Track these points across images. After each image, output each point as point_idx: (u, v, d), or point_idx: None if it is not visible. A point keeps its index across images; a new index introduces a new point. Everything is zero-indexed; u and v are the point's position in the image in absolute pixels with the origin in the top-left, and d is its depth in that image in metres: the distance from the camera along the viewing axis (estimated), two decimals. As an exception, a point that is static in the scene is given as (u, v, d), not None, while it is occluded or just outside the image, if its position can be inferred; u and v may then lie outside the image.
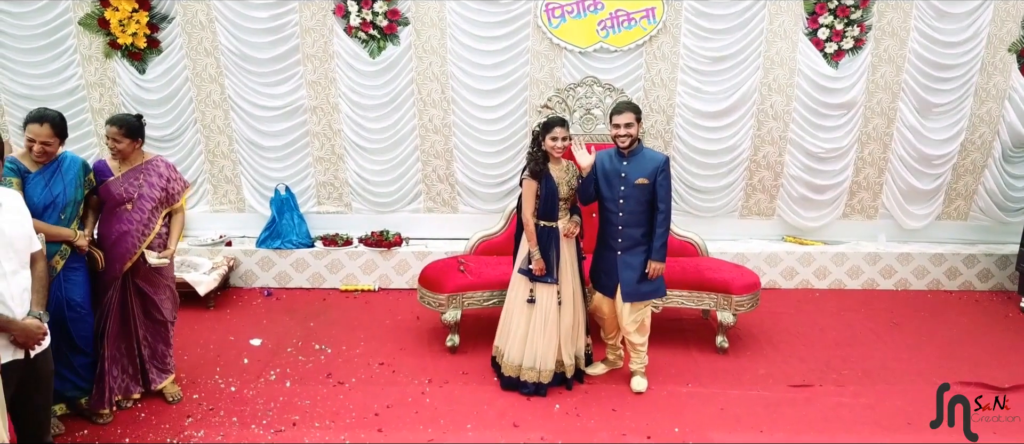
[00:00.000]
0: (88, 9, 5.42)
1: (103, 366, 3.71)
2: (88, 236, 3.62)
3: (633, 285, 4.12)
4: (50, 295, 3.19)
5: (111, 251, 3.68)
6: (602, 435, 3.78)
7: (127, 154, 3.69)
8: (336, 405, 4.04)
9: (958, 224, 6.03)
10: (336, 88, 5.62)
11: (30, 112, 3.50)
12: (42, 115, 3.46)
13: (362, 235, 5.77)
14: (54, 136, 3.48)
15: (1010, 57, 5.56)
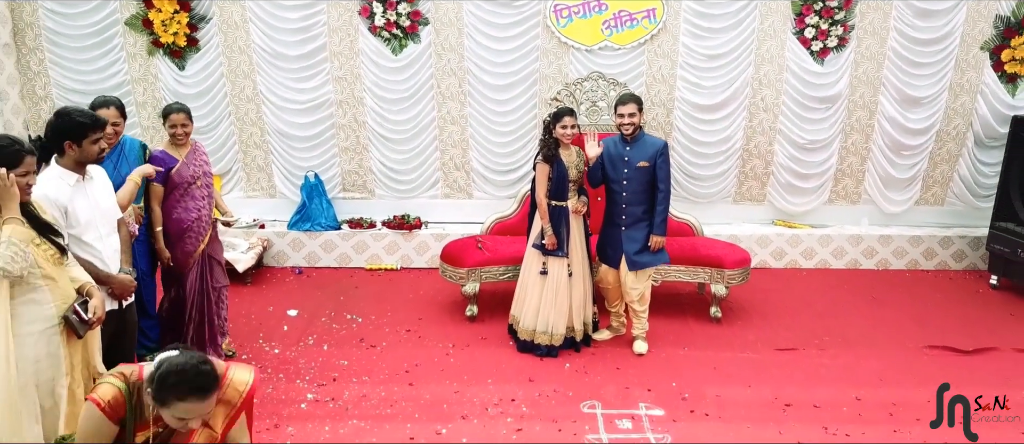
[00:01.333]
0: (133, 10, 5.90)
1: (190, 335, 4.19)
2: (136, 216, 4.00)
3: (636, 255, 4.60)
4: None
5: (190, 230, 4.10)
6: (608, 389, 4.27)
7: (188, 139, 4.17)
8: (370, 364, 4.52)
9: (935, 209, 6.51)
10: (361, 83, 6.10)
11: (95, 99, 3.97)
12: (107, 99, 3.94)
13: (385, 218, 6.26)
14: (121, 117, 3.97)
15: (983, 54, 6.05)
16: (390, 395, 4.17)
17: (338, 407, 4.03)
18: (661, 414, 4.02)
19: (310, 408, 4.02)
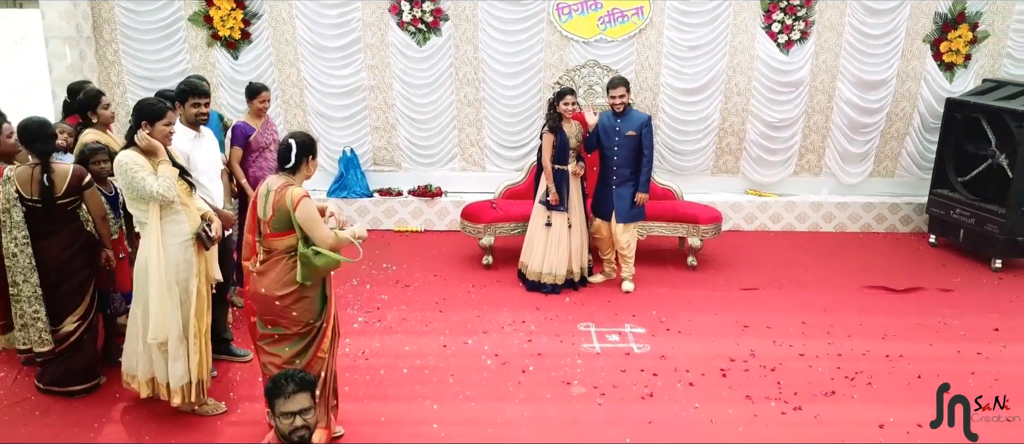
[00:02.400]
0: (196, 8, 6.88)
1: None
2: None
3: (625, 211, 5.59)
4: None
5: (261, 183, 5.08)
6: (600, 314, 5.26)
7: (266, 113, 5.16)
8: (406, 298, 5.51)
9: (886, 180, 7.49)
10: (390, 71, 7.08)
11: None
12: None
13: (411, 188, 7.24)
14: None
15: (924, 46, 7.03)
16: (424, 318, 5.17)
17: (384, 327, 5.03)
18: (643, 332, 5.02)
19: (361, 328, 5.01)
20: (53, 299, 4.04)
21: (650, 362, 4.61)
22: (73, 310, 4.07)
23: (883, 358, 4.72)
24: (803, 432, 3.89)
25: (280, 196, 3.38)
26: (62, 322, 4.06)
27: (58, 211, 3.95)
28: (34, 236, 3.96)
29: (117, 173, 3.63)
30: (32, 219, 3.94)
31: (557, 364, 4.56)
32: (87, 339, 4.15)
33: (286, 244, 3.41)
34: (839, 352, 4.78)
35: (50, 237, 3.99)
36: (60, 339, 4.07)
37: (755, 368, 4.56)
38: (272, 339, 3.48)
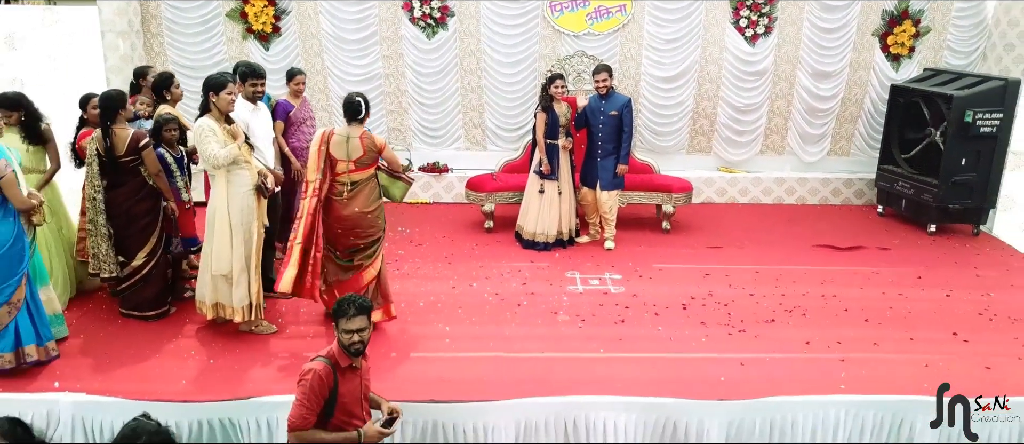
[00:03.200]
0: (233, 5, 7.81)
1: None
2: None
3: (608, 179, 6.54)
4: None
5: (298, 153, 6.00)
6: (584, 266, 6.22)
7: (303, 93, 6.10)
8: (419, 253, 6.47)
9: (842, 158, 8.43)
10: (403, 61, 8.01)
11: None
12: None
13: (421, 164, 8.17)
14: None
15: (874, 39, 7.97)
16: (435, 268, 6.12)
17: (401, 273, 5.97)
18: (619, 278, 5.97)
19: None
20: (123, 238, 4.97)
21: (624, 299, 5.56)
22: (141, 247, 4.99)
23: (819, 297, 5.67)
24: (743, 346, 4.84)
25: (368, 139, 4.70)
26: (133, 257, 4.99)
27: (122, 167, 4.86)
28: (107, 186, 4.90)
29: (194, 135, 4.57)
30: (105, 172, 4.88)
31: (546, 300, 5.51)
32: (155, 274, 5.07)
33: (368, 175, 4.74)
34: (783, 293, 5.73)
35: (118, 187, 4.91)
36: (132, 272, 5.00)
37: (711, 304, 5.51)
38: (349, 261, 4.80)
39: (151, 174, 4.96)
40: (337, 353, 3.41)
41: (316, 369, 3.32)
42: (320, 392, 3.31)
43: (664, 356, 4.71)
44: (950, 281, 6.08)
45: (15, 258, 4.27)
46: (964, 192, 7.15)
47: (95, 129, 5.00)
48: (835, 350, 4.83)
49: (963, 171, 7.09)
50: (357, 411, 3.49)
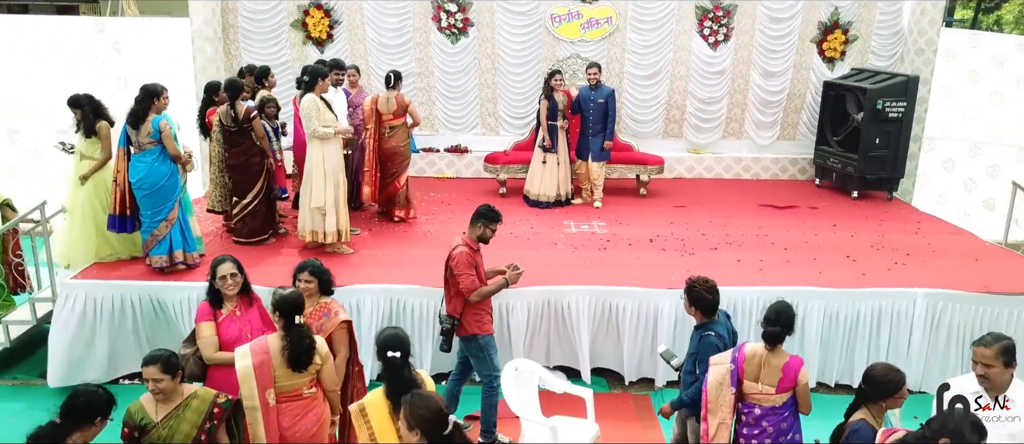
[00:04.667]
0: (296, 16, 9.70)
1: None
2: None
3: (597, 152, 8.42)
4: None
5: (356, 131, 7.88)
6: (577, 217, 8.07)
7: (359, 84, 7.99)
8: (450, 211, 8.31)
9: (790, 141, 10.29)
10: (432, 62, 9.89)
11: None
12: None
13: (446, 146, 10.04)
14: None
15: (812, 45, 9.87)
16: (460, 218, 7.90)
17: (439, 221, 7.82)
18: (603, 224, 7.83)
19: (422, 222, 7.81)
20: (238, 183, 6.79)
21: (606, 236, 7.43)
22: (250, 190, 6.81)
23: (754, 236, 7.53)
24: (690, 262, 6.68)
25: (400, 99, 7.01)
26: (245, 196, 6.82)
27: (239, 132, 6.71)
28: (228, 146, 6.74)
29: (301, 107, 6.46)
30: (226, 138, 6.72)
31: (548, 236, 7.37)
32: (260, 210, 6.90)
33: (400, 122, 6.90)
34: (727, 233, 7.58)
35: (235, 146, 6.74)
36: (243, 208, 6.83)
37: (672, 239, 7.37)
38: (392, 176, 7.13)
39: (258, 137, 6.82)
40: (471, 243, 5.07)
41: (462, 251, 4.96)
42: (471, 263, 4.93)
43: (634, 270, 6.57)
44: (857, 227, 7.95)
45: (170, 188, 6.08)
46: (878, 165, 9.02)
47: (218, 108, 6.86)
48: (757, 265, 6.69)
49: (877, 148, 8.96)
50: (484, 279, 5.15)
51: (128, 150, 6.02)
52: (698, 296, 4.27)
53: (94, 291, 5.94)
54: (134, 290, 5.99)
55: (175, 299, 5.96)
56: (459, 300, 5.02)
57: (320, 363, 3.95)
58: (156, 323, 6.04)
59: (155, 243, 6.05)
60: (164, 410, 3.64)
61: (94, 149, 6.37)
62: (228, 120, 6.64)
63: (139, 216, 6.10)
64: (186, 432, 3.62)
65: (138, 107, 5.90)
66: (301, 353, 3.85)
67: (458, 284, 4.94)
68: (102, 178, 6.37)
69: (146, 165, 5.91)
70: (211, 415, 3.69)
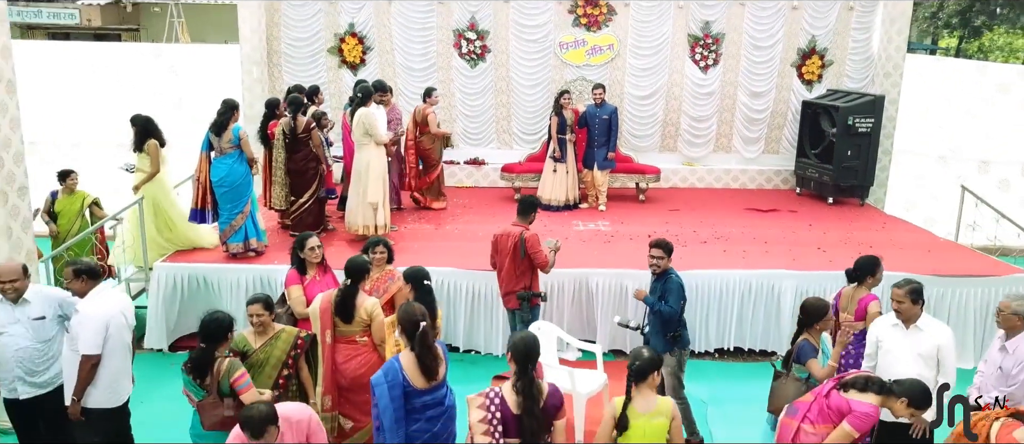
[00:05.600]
0: (333, 43, 10.91)
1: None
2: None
3: (602, 162, 9.59)
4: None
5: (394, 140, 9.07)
6: (584, 218, 9.20)
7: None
8: (472, 213, 9.45)
9: (774, 155, 11.46)
10: (453, 84, 11.09)
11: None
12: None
13: (465, 159, 11.20)
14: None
15: (792, 68, 11.08)
16: (485, 219, 9.09)
17: (464, 220, 8.96)
18: (607, 223, 8.97)
19: (450, 220, 8.94)
20: (296, 184, 7.92)
21: (611, 233, 8.57)
22: (306, 190, 7.94)
23: (739, 232, 8.66)
24: (684, 253, 7.78)
25: (423, 110, 8.54)
26: (301, 196, 7.95)
27: (300, 141, 7.84)
28: (289, 153, 7.87)
29: (359, 117, 7.61)
30: (287, 146, 7.86)
31: (559, 233, 8.44)
32: (313, 208, 8.03)
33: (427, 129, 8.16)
34: (715, 230, 8.72)
35: (295, 153, 7.88)
36: (299, 206, 7.96)
37: (668, 235, 8.31)
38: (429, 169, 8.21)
39: (315, 145, 7.96)
40: (527, 227, 6.09)
41: (533, 234, 5.99)
42: (540, 243, 6.04)
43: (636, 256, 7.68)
44: (830, 227, 9.08)
45: (246, 186, 7.23)
46: (851, 174, 10.19)
47: (279, 120, 8.01)
48: (740, 254, 7.82)
49: (849, 159, 10.12)
50: None
51: (210, 154, 7.17)
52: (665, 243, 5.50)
53: (180, 272, 7.07)
54: (210, 271, 7.13)
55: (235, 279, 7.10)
56: (532, 274, 6.07)
57: (367, 319, 4.95)
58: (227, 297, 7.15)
59: (232, 233, 7.18)
60: (260, 340, 4.67)
61: (144, 163, 7.35)
62: (289, 131, 7.79)
63: (217, 210, 7.23)
64: (277, 358, 4.66)
65: (221, 118, 7.06)
66: (343, 306, 4.86)
67: (535, 260, 5.98)
68: (150, 192, 7.34)
69: (227, 166, 7.05)
70: (296, 346, 4.73)
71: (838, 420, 3.94)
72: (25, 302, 4.65)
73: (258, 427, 3.41)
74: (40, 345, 4.70)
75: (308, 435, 3.71)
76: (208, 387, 4.03)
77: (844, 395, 3.98)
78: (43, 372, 4.74)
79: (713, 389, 6.73)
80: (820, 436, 3.98)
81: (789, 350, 4.82)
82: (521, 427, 3.71)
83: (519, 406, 3.71)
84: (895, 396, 3.92)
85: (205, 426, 4.02)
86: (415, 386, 4.00)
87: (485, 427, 3.71)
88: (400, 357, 4.07)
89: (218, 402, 4.01)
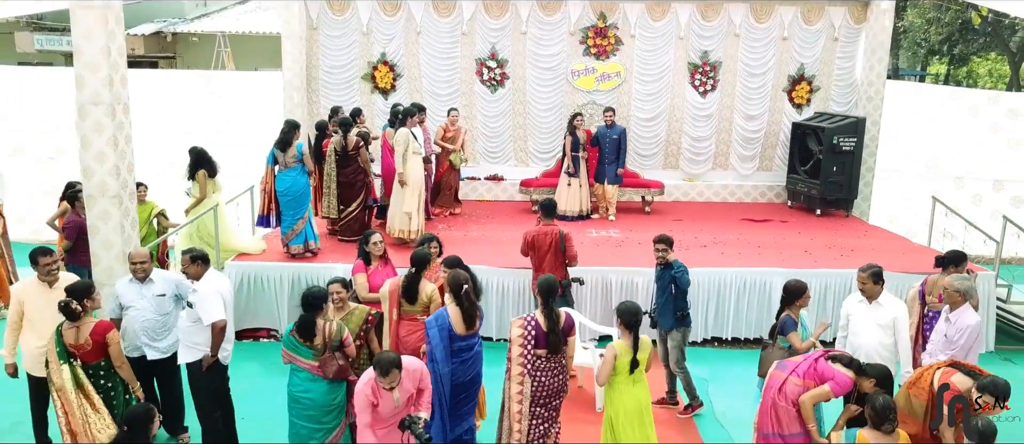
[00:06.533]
0: (366, 70, 12.05)
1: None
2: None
3: (612, 177, 10.68)
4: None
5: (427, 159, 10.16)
6: (597, 226, 10.26)
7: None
8: (494, 222, 10.51)
9: (767, 172, 12.54)
10: (475, 107, 12.21)
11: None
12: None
13: (486, 175, 12.28)
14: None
15: (783, 93, 12.21)
16: (505, 224, 10.15)
17: (488, 225, 10.02)
18: (618, 231, 10.03)
19: (476, 230, 10.00)
20: (344, 195, 8.97)
21: (621, 238, 9.63)
22: (354, 200, 9.01)
23: (735, 238, 9.72)
24: (685, 255, 8.83)
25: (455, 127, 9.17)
26: (349, 205, 9.02)
27: (350, 156, 8.92)
28: (339, 167, 8.93)
29: (398, 137, 8.70)
30: (338, 161, 8.93)
31: (575, 237, 9.52)
32: (359, 216, 9.10)
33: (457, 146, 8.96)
34: (715, 238, 9.77)
35: (345, 167, 8.95)
36: (347, 214, 9.01)
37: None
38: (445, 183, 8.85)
39: (363, 161, 9.04)
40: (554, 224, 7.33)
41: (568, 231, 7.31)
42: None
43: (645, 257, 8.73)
44: (817, 234, 10.14)
45: (305, 196, 8.29)
46: (836, 188, 11.27)
47: (331, 139, 9.09)
48: (736, 255, 8.87)
49: (835, 175, 11.21)
50: None
51: (275, 168, 8.25)
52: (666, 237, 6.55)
53: (247, 269, 8.12)
54: (271, 269, 8.19)
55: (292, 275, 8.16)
56: (563, 268, 7.27)
57: (427, 301, 5.97)
58: (285, 290, 8.18)
59: (293, 236, 8.24)
60: (337, 315, 5.66)
61: (195, 189, 8.49)
62: (340, 148, 8.88)
63: (280, 216, 8.30)
64: (352, 330, 5.67)
65: (285, 136, 8.14)
66: (409, 290, 5.87)
67: (569, 252, 7.26)
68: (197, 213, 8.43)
69: (291, 178, 8.13)
70: (367, 321, 5.74)
71: (820, 381, 4.96)
72: (150, 282, 5.72)
73: (387, 368, 4.44)
74: (160, 317, 5.75)
75: (420, 381, 4.74)
76: (316, 346, 5.05)
77: (831, 365, 5.01)
78: (162, 339, 5.79)
79: (713, 369, 7.75)
80: (803, 388, 4.99)
81: (774, 324, 5.86)
82: (548, 340, 5.10)
83: (546, 326, 5.09)
84: (867, 376, 4.94)
85: (328, 375, 5.02)
86: (457, 332, 5.16)
87: (522, 340, 5.12)
88: (448, 309, 5.24)
89: (332, 356, 5.03)
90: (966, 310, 5.51)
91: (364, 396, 4.59)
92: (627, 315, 5.09)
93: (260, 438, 6.17)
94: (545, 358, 5.14)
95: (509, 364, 5.22)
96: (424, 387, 4.83)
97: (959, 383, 4.76)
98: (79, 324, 5.02)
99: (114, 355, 5.10)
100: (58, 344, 4.98)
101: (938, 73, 31.50)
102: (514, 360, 5.17)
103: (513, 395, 5.18)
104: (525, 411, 5.16)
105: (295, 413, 5.20)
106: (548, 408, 5.21)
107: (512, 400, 5.19)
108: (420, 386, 4.81)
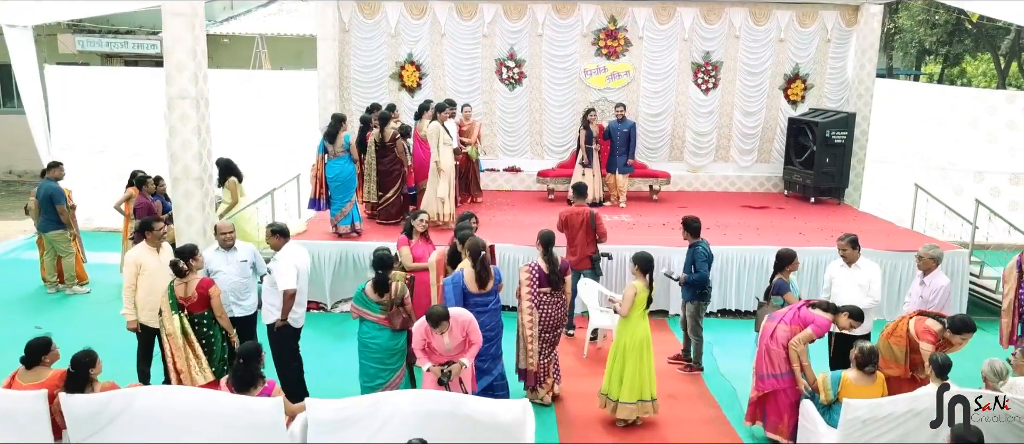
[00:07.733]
0: (394, 70, 13.02)
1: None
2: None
3: (622, 167, 11.66)
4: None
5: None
6: (610, 211, 11.23)
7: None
8: (515, 209, 11.48)
9: (765, 164, 13.52)
10: (494, 103, 13.17)
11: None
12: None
13: (504, 167, 13.25)
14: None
15: (779, 91, 13.18)
16: (525, 210, 11.12)
17: (505, 213, 10.99)
18: (629, 215, 11.00)
19: (500, 215, 10.97)
20: (383, 182, 9.94)
21: (632, 222, 10.60)
22: (392, 187, 9.97)
23: (736, 221, 10.69)
24: (691, 234, 9.81)
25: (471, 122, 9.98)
26: (387, 192, 9.98)
27: (388, 147, 9.88)
28: (379, 157, 9.89)
29: (430, 130, 9.67)
30: (377, 151, 9.90)
31: (592, 222, 10.52)
32: (397, 201, 10.05)
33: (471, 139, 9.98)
34: (717, 221, 10.74)
35: (384, 157, 9.91)
36: (385, 200, 9.97)
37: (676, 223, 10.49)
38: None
39: (400, 152, 10.01)
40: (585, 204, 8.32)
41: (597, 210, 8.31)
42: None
43: (657, 236, 9.70)
44: (810, 218, 11.12)
45: (352, 182, 9.26)
46: (829, 178, 12.24)
47: (372, 132, 10.05)
48: (736, 236, 9.84)
49: (827, 166, 12.18)
50: None
51: (324, 157, 9.23)
52: (688, 223, 7.42)
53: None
54: (322, 246, 9.16)
55: (342, 252, 9.13)
56: (594, 245, 8.23)
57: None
58: (329, 267, 9.15)
59: (342, 217, 9.23)
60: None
61: (227, 196, 9.50)
62: (379, 140, 9.85)
63: (329, 200, 9.28)
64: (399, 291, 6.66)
65: (332, 129, 9.12)
66: (454, 259, 6.87)
67: (600, 229, 8.20)
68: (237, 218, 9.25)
69: (339, 166, 9.10)
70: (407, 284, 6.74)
71: (803, 326, 5.94)
72: (234, 250, 6.69)
73: (437, 320, 5.44)
74: (243, 280, 6.72)
75: (467, 331, 5.71)
76: (383, 302, 6.03)
77: (811, 311, 5.98)
78: (245, 299, 6.76)
79: (717, 336, 8.71)
80: (791, 333, 5.97)
81: (768, 286, 6.83)
82: (549, 280, 6.54)
83: (547, 269, 6.54)
84: (840, 312, 5.92)
85: (395, 326, 6.01)
86: (471, 290, 6.26)
87: (529, 281, 6.54)
88: (463, 269, 6.36)
89: (399, 310, 6.02)
90: (938, 274, 6.50)
91: (420, 337, 5.64)
92: (643, 261, 6.27)
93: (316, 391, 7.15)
94: (549, 294, 6.55)
95: (520, 302, 6.62)
96: (473, 340, 5.79)
97: (931, 325, 5.74)
98: (187, 280, 5.99)
99: (215, 307, 6.07)
100: (171, 297, 5.95)
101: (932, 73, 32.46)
102: (524, 298, 6.58)
103: (525, 323, 6.58)
104: (536, 335, 6.57)
105: (365, 356, 6.17)
106: (553, 333, 6.67)
107: (525, 327, 6.59)
108: (470, 338, 5.78)
